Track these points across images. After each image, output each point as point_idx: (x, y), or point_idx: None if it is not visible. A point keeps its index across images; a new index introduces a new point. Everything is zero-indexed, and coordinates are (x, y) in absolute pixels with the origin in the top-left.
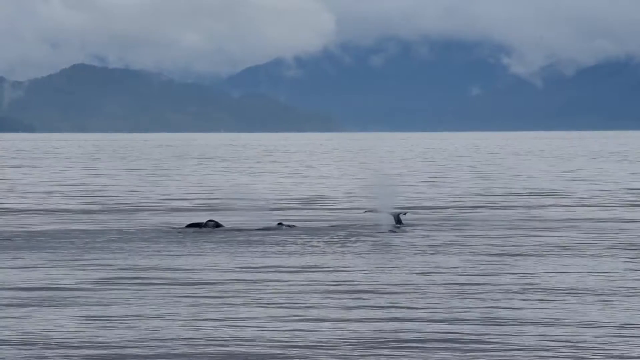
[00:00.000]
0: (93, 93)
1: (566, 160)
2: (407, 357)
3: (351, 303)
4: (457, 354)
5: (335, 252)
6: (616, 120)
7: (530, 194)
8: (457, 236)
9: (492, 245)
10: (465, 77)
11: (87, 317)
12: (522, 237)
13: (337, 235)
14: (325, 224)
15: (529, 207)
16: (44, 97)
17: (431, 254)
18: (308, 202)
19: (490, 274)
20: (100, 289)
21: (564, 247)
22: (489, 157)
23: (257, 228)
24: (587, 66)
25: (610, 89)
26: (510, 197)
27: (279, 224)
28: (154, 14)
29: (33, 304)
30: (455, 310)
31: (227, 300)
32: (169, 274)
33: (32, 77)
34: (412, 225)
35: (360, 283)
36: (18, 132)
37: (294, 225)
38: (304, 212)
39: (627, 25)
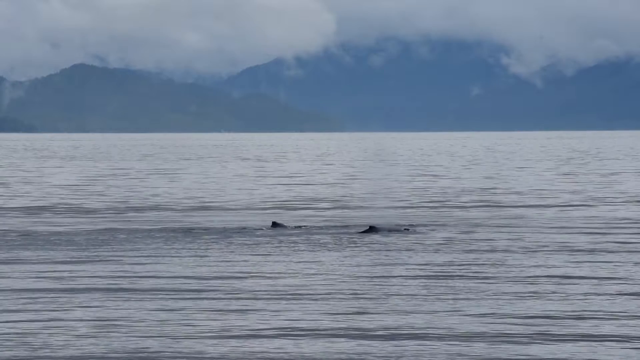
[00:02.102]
0: (93, 93)
1: None
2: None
3: None
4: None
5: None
6: (616, 120)
7: None
8: None
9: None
10: (465, 77)
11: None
12: None
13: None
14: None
15: None
16: (44, 97)
17: None
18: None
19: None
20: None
21: None
22: None
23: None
24: (587, 66)
25: (610, 89)
26: None
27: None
28: (154, 14)
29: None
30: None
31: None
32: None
33: (32, 77)
34: None
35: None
36: (19, 132)
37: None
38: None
39: (627, 25)
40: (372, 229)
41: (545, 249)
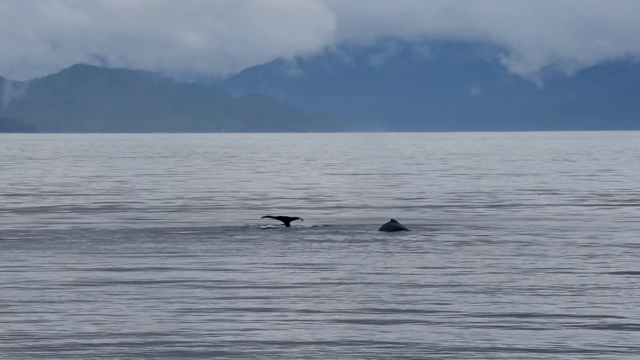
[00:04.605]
0: (93, 93)
1: None
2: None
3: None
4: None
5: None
6: (616, 120)
7: None
8: None
9: None
10: (465, 77)
11: None
12: None
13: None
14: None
15: None
16: (44, 97)
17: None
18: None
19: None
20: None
21: None
22: None
23: None
24: (587, 66)
25: (610, 89)
26: None
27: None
28: (154, 14)
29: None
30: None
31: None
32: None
33: (33, 77)
34: None
35: None
36: (19, 132)
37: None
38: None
39: (627, 25)
40: (387, 228)
41: (572, 248)
